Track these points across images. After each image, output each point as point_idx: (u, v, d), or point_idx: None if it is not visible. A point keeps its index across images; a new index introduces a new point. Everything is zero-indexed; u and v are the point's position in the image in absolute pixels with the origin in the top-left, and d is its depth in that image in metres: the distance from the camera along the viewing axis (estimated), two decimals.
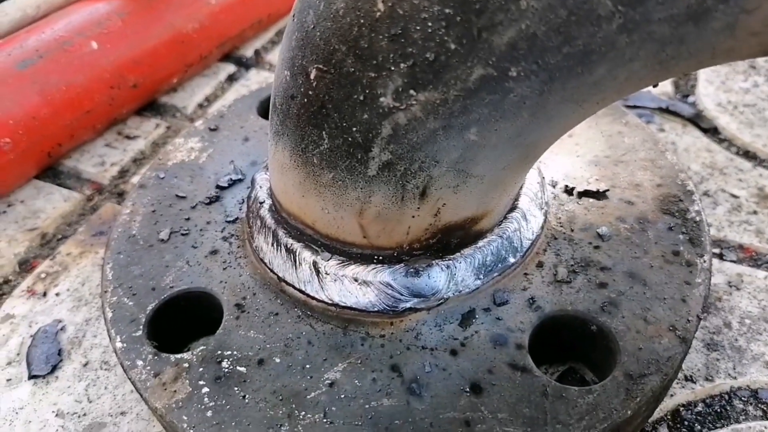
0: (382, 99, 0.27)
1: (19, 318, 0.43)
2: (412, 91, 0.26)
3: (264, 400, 0.32)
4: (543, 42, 0.23)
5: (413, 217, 0.32)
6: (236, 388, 0.32)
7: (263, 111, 0.52)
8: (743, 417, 0.36)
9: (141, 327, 0.36)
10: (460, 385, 0.32)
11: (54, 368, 0.40)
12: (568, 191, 0.41)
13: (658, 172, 0.42)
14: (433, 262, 0.34)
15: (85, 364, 0.40)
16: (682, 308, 0.34)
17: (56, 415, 0.38)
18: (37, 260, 0.48)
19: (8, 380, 0.40)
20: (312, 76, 0.29)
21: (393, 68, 0.26)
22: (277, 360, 0.33)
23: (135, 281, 0.38)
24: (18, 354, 0.41)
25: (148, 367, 0.34)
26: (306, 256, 0.35)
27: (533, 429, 0.30)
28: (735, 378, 0.38)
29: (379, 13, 0.25)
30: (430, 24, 0.24)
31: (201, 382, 0.33)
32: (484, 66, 0.25)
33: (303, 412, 0.31)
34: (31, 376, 0.40)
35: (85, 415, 0.38)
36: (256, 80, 0.65)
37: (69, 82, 0.51)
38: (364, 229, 0.33)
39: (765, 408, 0.36)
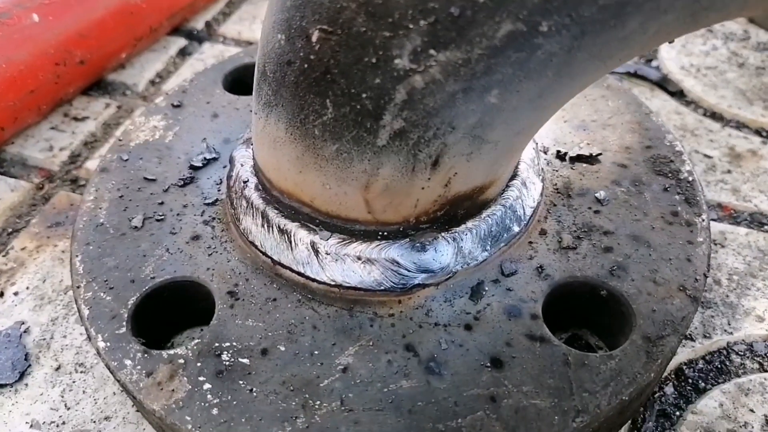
0: (397, 61, 0.25)
1: None
2: (432, 51, 0.24)
3: (274, 392, 0.30)
4: None
5: (423, 188, 0.30)
6: (241, 382, 0.30)
7: (229, 85, 0.48)
8: (742, 371, 0.37)
9: (124, 323, 0.33)
10: (479, 360, 0.30)
11: (22, 375, 0.36)
12: (561, 157, 0.40)
13: (645, 134, 0.42)
14: (440, 235, 0.33)
15: (57, 368, 0.37)
16: (689, 268, 0.34)
17: (31, 426, 0.34)
18: None
19: None
20: (314, 39, 0.27)
21: (411, 26, 0.24)
22: (282, 348, 0.31)
23: (110, 274, 0.35)
24: None
25: (139, 367, 0.31)
26: (302, 236, 0.33)
27: (560, 399, 0.29)
28: (731, 333, 0.38)
29: None
30: None
31: (201, 378, 0.30)
32: (513, 20, 0.23)
33: (318, 402, 0.29)
34: None
35: (64, 423, 0.34)
36: (211, 54, 0.61)
37: (9, 59, 0.46)
38: (369, 204, 0.31)
39: (761, 360, 0.37)
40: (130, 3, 0.54)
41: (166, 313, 0.35)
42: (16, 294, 0.41)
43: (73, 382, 0.36)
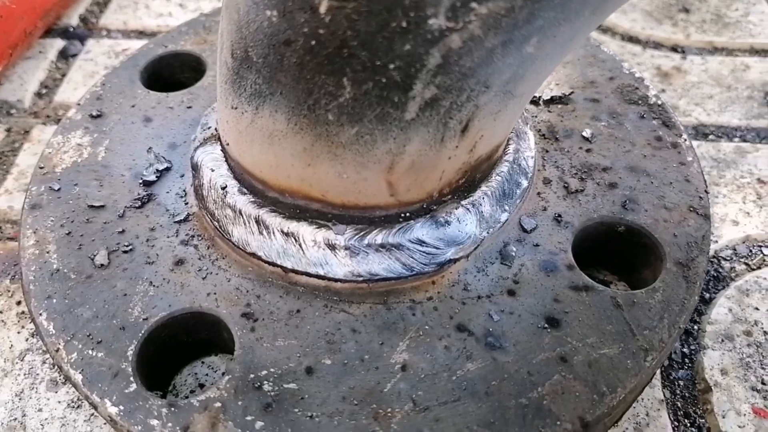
0: (431, 21, 0.22)
1: None
2: (473, 4, 0.22)
3: (337, 412, 0.26)
4: None
5: (449, 158, 0.28)
6: (296, 410, 0.27)
7: (148, 82, 0.42)
8: (735, 274, 0.39)
9: (131, 379, 0.28)
10: (535, 323, 0.29)
11: None
12: (535, 102, 0.39)
13: (604, 66, 0.42)
14: (460, 204, 0.31)
15: None
16: (690, 188, 0.35)
17: None
18: None
19: None
20: (323, 10, 0.23)
21: None
22: (328, 362, 0.28)
23: (91, 326, 0.29)
24: None
25: (170, 424, 0.26)
26: (314, 234, 0.30)
27: (625, 343, 0.28)
28: (716, 242, 0.40)
29: None
30: None
31: (249, 418, 0.26)
32: None
33: (389, 409, 0.27)
34: None
35: None
36: (100, 51, 0.53)
37: None
38: (392, 187, 0.28)
39: (746, 261, 0.40)
40: None
41: (166, 355, 0.31)
42: None
43: None
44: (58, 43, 0.54)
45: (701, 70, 0.53)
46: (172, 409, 0.27)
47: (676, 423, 0.33)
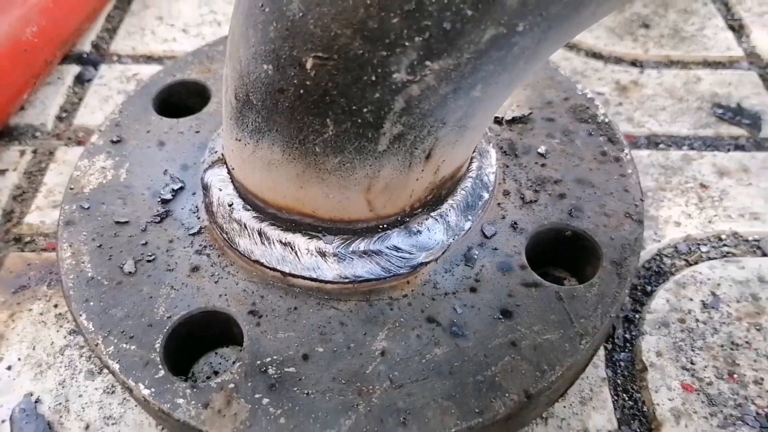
0: (395, 75, 0.28)
1: None
2: (427, 62, 0.28)
3: (329, 390, 0.32)
4: None
5: (417, 179, 0.34)
6: (295, 389, 0.33)
7: (159, 108, 0.48)
8: (674, 269, 0.45)
9: (159, 366, 0.33)
10: (492, 315, 0.35)
11: None
12: (498, 122, 0.45)
13: (560, 87, 0.48)
14: (430, 216, 0.37)
15: (87, 428, 0.37)
16: (628, 197, 0.41)
17: None
18: None
19: None
20: (309, 66, 0.29)
21: (407, 43, 0.27)
22: (321, 349, 0.34)
23: (124, 324, 0.35)
24: None
25: (194, 402, 0.32)
26: (307, 244, 0.36)
27: (565, 329, 0.34)
28: (659, 241, 0.46)
29: None
30: None
31: (257, 396, 0.32)
32: (496, 26, 0.27)
33: (371, 386, 0.33)
34: None
35: None
36: (112, 76, 0.59)
37: None
38: (370, 204, 0.34)
39: (686, 257, 0.46)
40: (22, 40, 0.50)
41: (186, 347, 0.37)
42: (9, 368, 0.39)
43: None
44: (74, 69, 0.60)
45: (657, 83, 0.59)
46: (195, 390, 0.33)
47: (616, 397, 0.39)
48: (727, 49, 0.63)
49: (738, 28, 0.65)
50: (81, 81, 0.59)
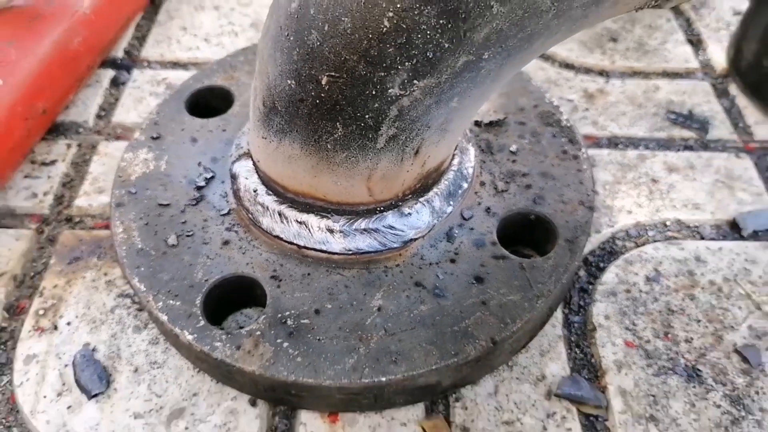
0: (390, 90, 0.36)
1: (42, 354, 0.46)
2: (415, 81, 0.36)
3: (336, 336, 0.41)
4: (506, 33, 0.35)
5: (408, 171, 0.42)
6: (309, 336, 0.41)
7: (192, 110, 0.56)
8: (625, 250, 0.54)
9: (200, 318, 0.42)
10: (467, 280, 0.44)
11: (109, 383, 0.44)
12: (478, 125, 0.54)
13: (531, 96, 0.56)
14: (418, 201, 0.45)
15: (136, 370, 0.45)
16: (582, 188, 0.49)
17: (135, 417, 0.43)
18: (22, 301, 0.49)
19: (69, 407, 0.43)
20: (324, 82, 0.37)
21: (399, 67, 0.35)
22: (329, 306, 0.42)
23: (170, 285, 0.44)
24: (63, 384, 0.44)
25: (228, 344, 0.41)
26: (319, 223, 0.44)
27: (525, 292, 0.43)
28: (612, 226, 0.55)
29: (385, 28, 0.34)
30: (429, 32, 0.34)
31: (279, 340, 0.41)
32: (467, 55, 0.35)
33: (369, 334, 0.41)
34: (92, 396, 0.44)
35: (161, 408, 0.43)
36: (144, 80, 0.67)
37: None
38: (370, 190, 0.42)
39: (635, 240, 0.54)
40: (70, 49, 0.59)
41: (218, 306, 0.45)
42: (68, 324, 0.47)
43: (154, 377, 0.45)
44: (110, 73, 0.68)
45: (620, 91, 0.67)
46: (229, 335, 0.41)
47: (570, 351, 0.47)
48: (685, 61, 0.71)
49: (696, 42, 0.74)
50: (116, 84, 0.67)
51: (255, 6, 0.77)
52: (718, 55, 0.72)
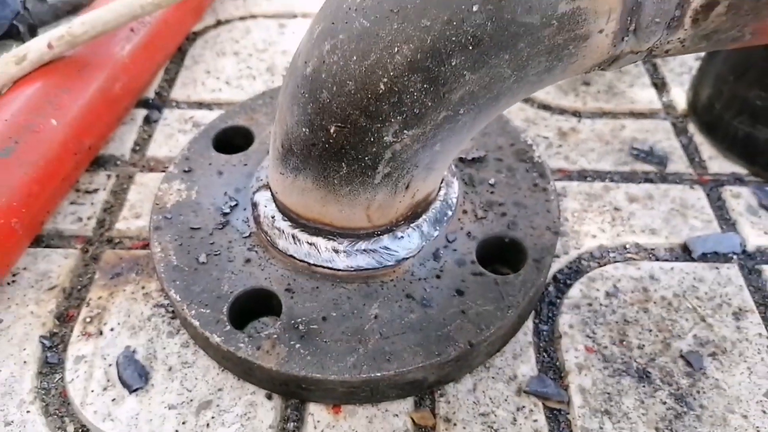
0: (385, 138, 0.45)
1: (90, 356, 0.54)
2: (405, 131, 0.45)
3: (339, 339, 0.49)
4: (477, 93, 0.44)
5: (400, 202, 0.51)
6: (317, 338, 0.49)
7: (218, 147, 0.65)
8: (589, 269, 0.62)
9: (226, 324, 0.50)
10: (450, 293, 0.52)
11: (147, 379, 0.53)
12: (462, 161, 0.63)
13: (509, 136, 0.65)
14: (410, 226, 0.54)
15: (170, 369, 0.53)
16: (549, 216, 0.58)
17: (169, 408, 0.51)
18: (71, 311, 0.58)
19: (113, 400, 0.52)
20: (332, 131, 0.46)
21: (392, 120, 0.44)
22: (334, 314, 0.51)
23: (201, 296, 0.52)
24: (108, 380, 0.53)
25: (250, 345, 0.49)
26: (326, 244, 0.53)
27: (498, 303, 0.51)
28: (579, 248, 0.63)
29: (381, 90, 0.43)
30: (415, 94, 0.43)
31: (292, 342, 0.49)
32: (446, 111, 0.44)
33: (367, 338, 0.49)
34: (132, 391, 0.52)
35: (191, 400, 0.52)
36: (173, 118, 0.77)
37: (46, 158, 0.59)
38: (369, 217, 0.51)
39: (598, 261, 0.63)
40: (112, 92, 0.68)
41: (240, 314, 0.53)
42: (112, 330, 0.56)
43: (185, 374, 0.53)
44: (143, 112, 0.77)
45: (590, 130, 0.76)
46: (250, 338, 0.49)
47: (538, 355, 0.55)
48: (649, 102, 0.80)
49: (660, 85, 0.83)
50: (149, 121, 0.76)
51: (270, 52, 0.87)
52: (680, 96, 0.81)
